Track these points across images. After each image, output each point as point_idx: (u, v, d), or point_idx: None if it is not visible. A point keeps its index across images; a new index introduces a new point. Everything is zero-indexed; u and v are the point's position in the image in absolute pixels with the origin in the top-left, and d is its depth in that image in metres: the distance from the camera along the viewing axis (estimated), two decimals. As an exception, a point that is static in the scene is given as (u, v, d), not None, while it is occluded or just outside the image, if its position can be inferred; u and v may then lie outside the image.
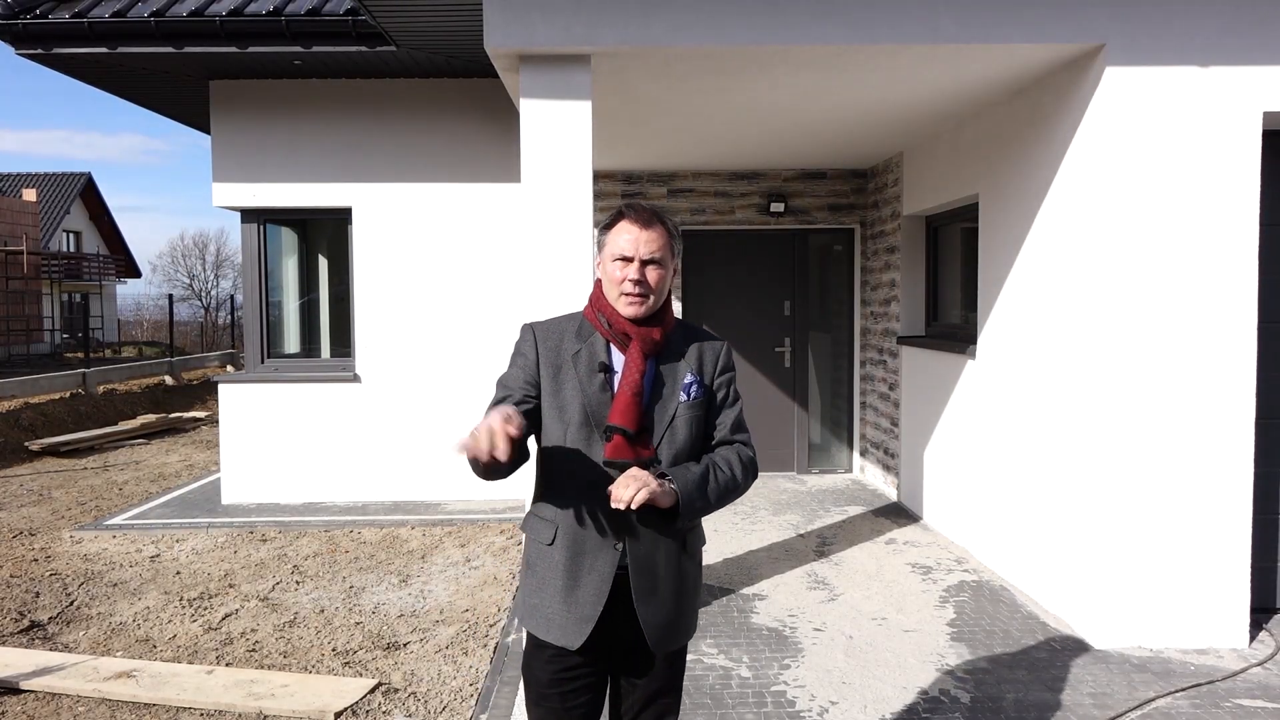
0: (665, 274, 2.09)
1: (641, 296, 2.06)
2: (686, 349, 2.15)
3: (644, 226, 2.07)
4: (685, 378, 2.11)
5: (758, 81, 4.71)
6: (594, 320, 2.13)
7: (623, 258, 2.07)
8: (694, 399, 2.11)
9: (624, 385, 2.05)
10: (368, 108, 7.05)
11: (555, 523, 2.10)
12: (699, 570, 2.23)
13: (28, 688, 3.87)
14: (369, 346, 7.22)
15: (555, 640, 2.08)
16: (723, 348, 2.22)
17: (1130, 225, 4.08)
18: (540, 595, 2.11)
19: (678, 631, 2.15)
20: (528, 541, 2.18)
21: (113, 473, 9.13)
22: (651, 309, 2.09)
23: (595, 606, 2.06)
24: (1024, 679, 3.82)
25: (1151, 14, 4.04)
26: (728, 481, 2.09)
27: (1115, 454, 4.11)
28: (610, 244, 2.10)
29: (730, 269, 8.10)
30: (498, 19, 4.01)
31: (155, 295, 48.87)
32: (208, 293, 47.57)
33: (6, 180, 32.23)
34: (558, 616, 2.08)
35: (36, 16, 6.04)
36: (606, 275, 2.11)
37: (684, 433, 2.10)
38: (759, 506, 6.91)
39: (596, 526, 2.07)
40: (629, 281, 2.05)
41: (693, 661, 4.01)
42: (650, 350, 2.09)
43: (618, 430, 2.01)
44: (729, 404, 2.18)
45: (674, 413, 2.09)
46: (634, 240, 2.06)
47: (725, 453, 2.14)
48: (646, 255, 2.06)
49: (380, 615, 4.76)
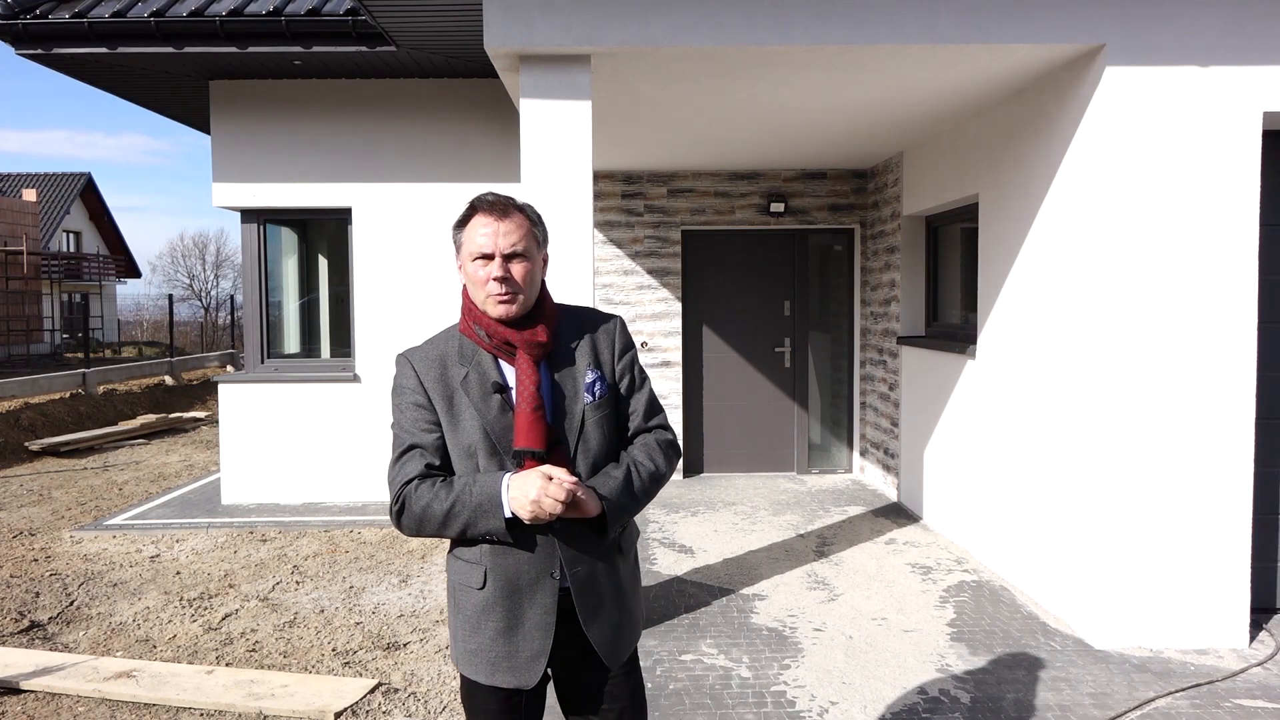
0: (533, 266, 1.92)
1: (510, 294, 1.88)
2: (578, 342, 1.99)
3: (500, 217, 1.89)
4: (585, 376, 1.95)
5: (758, 81, 4.71)
6: (472, 335, 1.95)
7: (482, 255, 1.88)
8: (600, 398, 1.96)
9: (521, 402, 1.87)
10: (367, 108, 7.05)
11: (481, 564, 1.92)
12: (636, 569, 2.12)
13: (28, 688, 3.87)
14: (369, 346, 7.22)
15: (505, 684, 1.94)
16: (616, 326, 2.05)
17: (1130, 225, 4.08)
18: (477, 639, 1.95)
19: (628, 639, 2.04)
20: (451, 584, 2.01)
21: (113, 473, 9.13)
22: (525, 306, 1.92)
23: (545, 640, 1.92)
24: (1024, 679, 3.82)
25: (1151, 14, 4.04)
26: (651, 474, 1.97)
27: (1115, 454, 4.11)
28: (467, 242, 1.91)
29: (730, 269, 8.10)
30: (498, 19, 4.01)
31: (155, 295, 48.87)
32: (208, 293, 47.59)
33: (6, 180, 32.23)
34: (503, 661, 1.93)
35: (36, 16, 6.04)
36: (469, 277, 1.92)
37: (596, 436, 1.95)
38: (759, 507, 6.91)
39: (527, 560, 1.90)
40: (493, 281, 1.87)
41: (692, 661, 4.01)
42: (539, 355, 1.92)
43: (526, 454, 1.86)
44: (637, 388, 2.04)
45: (581, 418, 1.93)
46: (491, 234, 1.88)
47: (644, 442, 2.01)
48: (508, 249, 1.88)
49: (380, 615, 4.76)
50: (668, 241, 7.98)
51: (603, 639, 1.97)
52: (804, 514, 6.68)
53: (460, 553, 1.98)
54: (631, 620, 2.06)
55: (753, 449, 8.14)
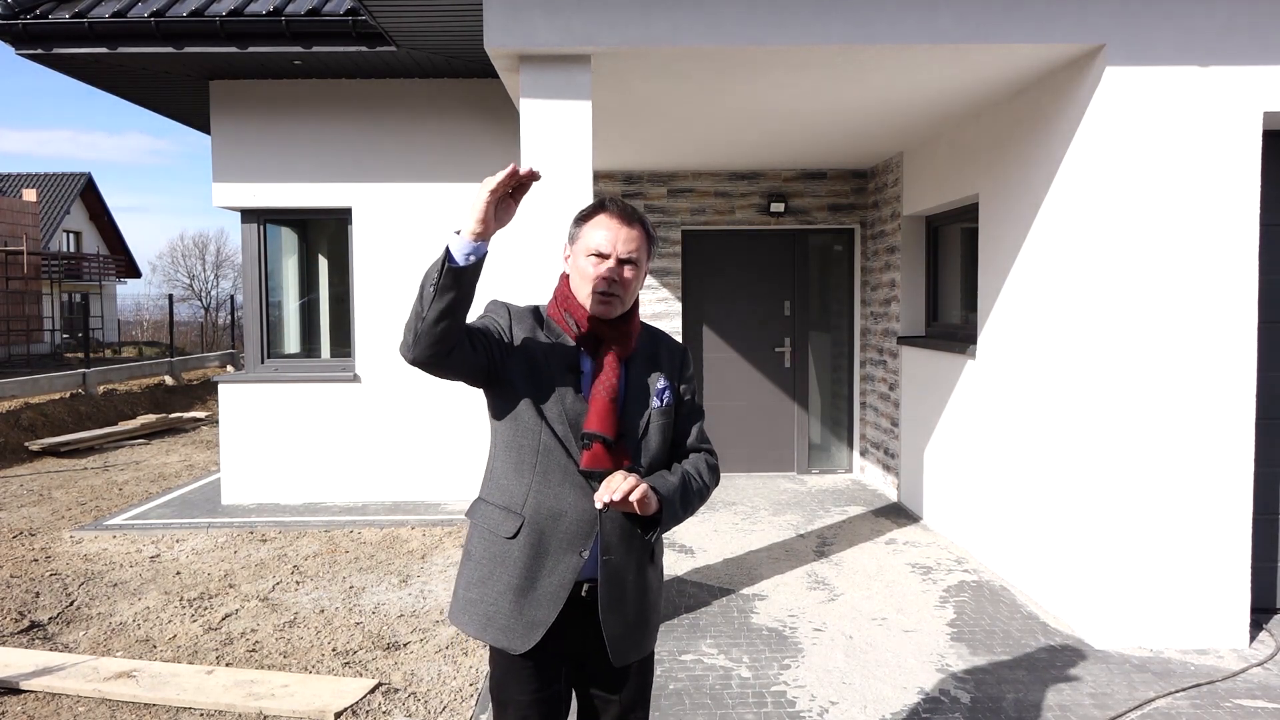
0: (639, 275, 2.00)
1: (615, 296, 1.96)
2: (652, 354, 2.08)
3: (625, 223, 1.97)
4: (658, 383, 2.05)
5: (758, 81, 4.71)
6: (560, 321, 2.02)
7: (599, 253, 1.96)
8: (666, 405, 2.05)
9: (601, 390, 1.95)
10: (367, 108, 7.05)
11: (521, 515, 1.96)
12: (661, 580, 2.16)
13: (28, 688, 3.87)
14: (369, 346, 7.22)
15: (493, 641, 1.97)
16: (685, 352, 2.17)
17: (1130, 225, 4.08)
18: (483, 589, 1.98)
19: (640, 643, 2.07)
20: (475, 530, 2.04)
21: (113, 473, 9.13)
22: (622, 310, 2.00)
23: (550, 611, 1.95)
24: (1024, 679, 3.82)
25: (1152, 14, 4.04)
26: (700, 490, 2.05)
27: (1115, 454, 4.11)
28: (586, 237, 1.99)
29: (730, 269, 8.10)
30: (498, 19, 4.01)
31: (155, 295, 48.86)
32: (208, 293, 47.59)
33: (7, 180, 32.23)
34: (501, 616, 1.96)
35: (36, 16, 6.04)
36: (577, 270, 1.99)
37: (658, 440, 2.03)
38: (759, 507, 6.91)
39: (566, 528, 1.96)
40: (603, 280, 1.95)
41: (692, 661, 4.01)
42: (624, 354, 2.01)
43: (596, 438, 1.92)
44: (695, 410, 2.14)
45: (648, 420, 2.02)
46: (613, 237, 1.96)
47: (695, 460, 2.10)
48: (625, 254, 1.96)
49: (380, 615, 4.76)
50: (668, 241, 7.98)
51: (615, 633, 2.00)
52: (804, 514, 6.68)
53: (493, 497, 2.01)
54: (647, 626, 2.10)
55: (753, 449, 8.14)
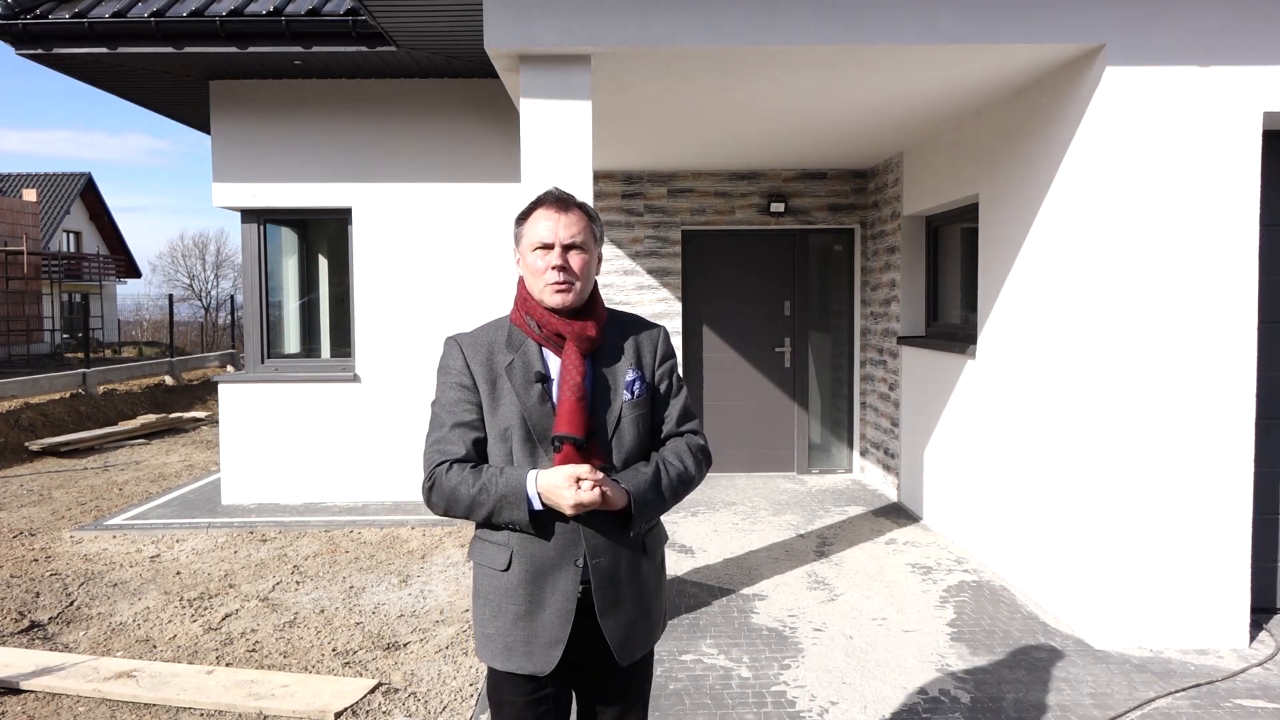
0: (589, 260, 2.01)
1: (567, 284, 1.97)
2: (624, 343, 2.07)
3: (562, 211, 2.00)
4: (627, 375, 2.03)
5: (758, 81, 4.71)
6: (523, 325, 2.04)
7: (543, 245, 1.98)
8: (638, 397, 2.03)
9: (565, 390, 1.95)
10: (367, 108, 7.05)
11: (508, 546, 1.98)
12: (661, 572, 2.15)
13: (28, 688, 3.87)
14: (369, 347, 7.22)
15: (520, 669, 1.97)
16: (660, 335, 2.13)
17: (1130, 225, 4.08)
18: (496, 623, 2.00)
19: (642, 639, 2.07)
20: (477, 570, 2.06)
21: (113, 473, 9.13)
22: (580, 297, 2.00)
23: (563, 628, 1.96)
24: (1024, 679, 3.82)
25: (1151, 14, 4.04)
26: (680, 475, 2.03)
27: (1115, 454, 4.11)
28: (528, 233, 2.01)
29: (730, 269, 8.10)
30: (498, 19, 4.01)
31: (155, 295, 48.86)
32: (208, 293, 47.60)
33: (6, 180, 32.22)
34: (519, 645, 1.97)
35: (36, 16, 6.04)
36: (528, 268, 2.02)
37: (631, 434, 2.02)
38: (759, 507, 6.91)
39: (553, 545, 1.96)
40: (552, 269, 1.96)
41: (692, 661, 4.01)
42: (587, 349, 2.00)
43: (566, 439, 1.92)
44: (674, 394, 2.11)
45: (619, 414, 2.01)
46: (553, 226, 1.98)
47: (675, 445, 2.07)
48: (568, 240, 1.97)
49: (380, 615, 4.76)
50: (668, 241, 7.98)
51: (616, 634, 2.00)
52: (804, 514, 6.68)
53: (486, 535, 2.03)
54: (648, 621, 2.09)
55: (753, 449, 8.14)
